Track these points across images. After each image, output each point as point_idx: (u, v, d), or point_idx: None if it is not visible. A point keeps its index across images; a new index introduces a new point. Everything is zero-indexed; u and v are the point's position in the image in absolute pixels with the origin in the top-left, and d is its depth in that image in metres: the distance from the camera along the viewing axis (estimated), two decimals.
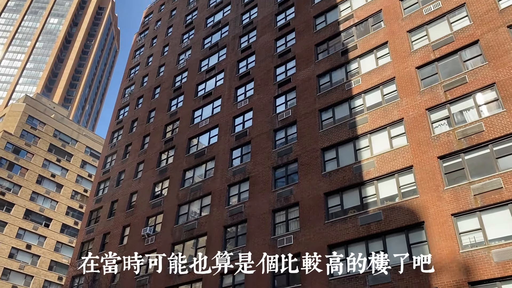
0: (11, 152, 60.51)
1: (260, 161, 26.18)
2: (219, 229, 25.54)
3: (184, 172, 30.73)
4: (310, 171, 23.36)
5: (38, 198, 60.88)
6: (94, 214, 36.15)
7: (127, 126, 39.81)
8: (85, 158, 69.47)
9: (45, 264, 58.10)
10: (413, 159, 19.87)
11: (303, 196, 22.79)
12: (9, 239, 55.77)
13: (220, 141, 29.65)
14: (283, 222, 23.16)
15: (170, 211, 29.31)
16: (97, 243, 33.12)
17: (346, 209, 21.04)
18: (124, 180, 35.24)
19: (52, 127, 67.41)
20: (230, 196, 26.70)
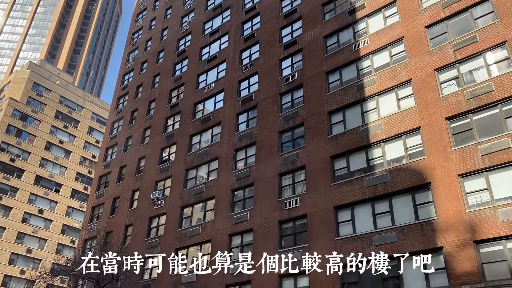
0: (19, 119, 60.90)
1: (266, 125, 26.13)
2: (226, 192, 25.87)
3: (190, 138, 30.83)
4: (316, 134, 23.33)
5: (47, 164, 61.77)
6: (103, 179, 36.69)
7: (132, 92, 39.68)
8: (91, 125, 69.83)
9: (57, 228, 59.68)
10: (421, 120, 19.73)
11: (309, 159, 22.87)
12: (22, 204, 57.10)
13: (226, 106, 29.53)
14: (290, 185, 23.39)
15: (178, 175, 29.64)
16: (107, 207, 33.80)
17: (353, 172, 21.14)
18: (132, 146, 35.50)
19: (58, 94, 67.41)
20: (237, 161, 26.87)
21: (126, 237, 30.58)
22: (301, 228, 21.66)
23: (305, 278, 20.20)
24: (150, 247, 28.14)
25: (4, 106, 60.29)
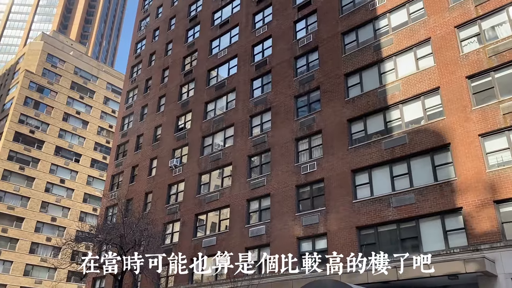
0: (35, 91, 61.59)
1: (281, 90, 25.85)
2: (243, 158, 26.01)
3: (205, 105, 30.78)
4: (333, 98, 23.01)
5: (66, 135, 62.84)
6: (121, 148, 37.20)
7: (145, 60, 39.50)
8: (107, 95, 70.26)
9: (79, 197, 61.34)
10: (440, 80, 19.23)
11: (326, 123, 22.68)
12: (44, 174, 58.61)
13: (240, 72, 29.22)
14: (306, 149, 23.34)
15: (195, 143, 29.84)
16: (126, 176, 34.42)
17: (370, 134, 20.93)
18: (148, 114, 35.68)
19: (72, 65, 67.64)
20: (253, 127, 26.82)
21: (146, 204, 31.26)
22: (318, 192, 21.78)
23: (323, 240, 20.49)
24: (170, 213, 28.75)
25: (20, 79, 60.92)
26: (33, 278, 53.67)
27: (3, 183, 54.85)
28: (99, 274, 31.23)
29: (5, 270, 52.06)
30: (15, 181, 56.04)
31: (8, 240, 53.53)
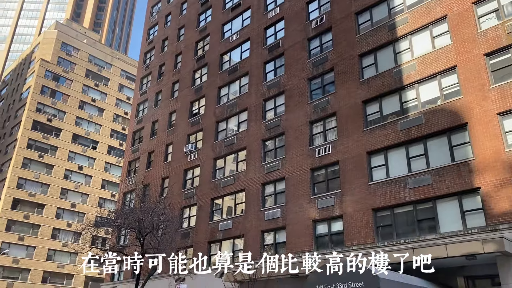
0: (51, 79, 62.34)
1: (294, 73, 25.63)
2: (257, 143, 26.02)
3: (219, 90, 30.75)
4: (347, 79, 22.73)
5: (82, 123, 63.70)
6: (137, 134, 37.57)
7: (158, 46, 39.52)
8: (121, 82, 70.73)
9: (97, 183, 62.40)
10: (457, 58, 18.79)
11: (340, 105, 22.47)
12: (62, 162, 59.69)
13: (253, 55, 29.02)
14: (321, 132, 23.20)
15: (209, 128, 29.93)
16: (143, 162, 34.83)
17: (386, 115, 20.67)
18: (162, 100, 35.86)
19: (86, 53, 68.10)
20: (266, 111, 26.73)
21: (163, 189, 31.65)
22: (334, 175, 21.71)
23: (339, 222, 20.51)
24: (186, 198, 29.08)
25: (36, 68, 61.67)
26: (55, 262, 55.19)
27: (24, 171, 56.10)
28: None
29: (29, 255, 53.61)
30: (35, 168, 57.25)
31: (30, 226, 54.99)
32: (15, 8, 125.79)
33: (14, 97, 66.24)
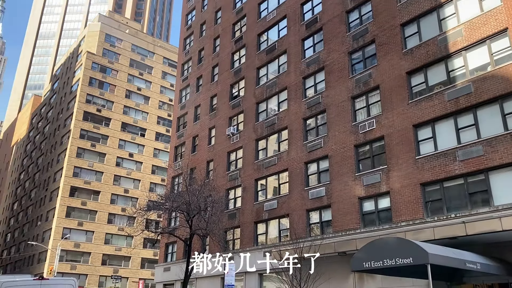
0: (98, 71, 64.70)
1: (334, 47, 24.97)
2: (298, 121, 25.77)
3: (257, 70, 30.60)
4: (389, 50, 21.85)
5: (130, 111, 65.92)
6: (181, 120, 38.35)
7: (196, 31, 39.78)
8: (164, 69, 72.19)
9: (147, 169, 64.69)
10: (508, 20, 17.48)
11: (383, 78, 21.69)
12: (113, 150, 62.28)
13: (290, 33, 28.53)
14: (364, 107, 22.58)
15: (250, 109, 29.97)
16: (188, 146, 35.59)
17: (432, 86, 19.74)
18: (203, 85, 36.25)
19: (129, 43, 69.90)
20: (306, 88, 26.33)
21: (208, 172, 32.26)
22: (379, 151, 21.15)
23: (386, 198, 20.04)
24: (231, 180, 29.49)
25: (83, 60, 64.14)
26: (113, 245, 58.18)
27: (78, 160, 59.08)
28: (170, 239, 33.15)
29: (88, 240, 56.84)
30: (88, 157, 60.12)
31: (88, 212, 58.13)
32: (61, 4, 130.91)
33: (65, 90, 69.46)
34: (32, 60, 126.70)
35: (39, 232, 60.40)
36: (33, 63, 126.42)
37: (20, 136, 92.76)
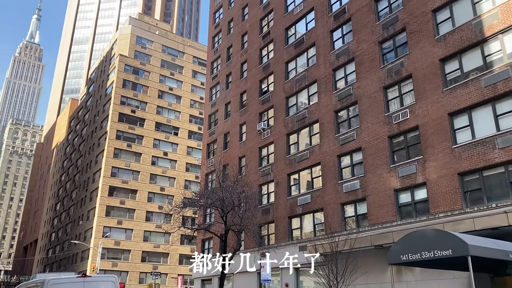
0: (131, 73, 66.25)
1: (363, 38, 24.53)
2: (330, 114, 25.51)
3: (286, 64, 30.47)
4: (421, 38, 21.26)
5: (163, 111, 67.22)
6: (212, 117, 38.75)
7: (224, 29, 40.01)
8: (194, 68, 73.10)
9: (182, 166, 65.83)
10: None
11: (416, 66, 21.13)
12: (148, 149, 63.74)
13: (318, 25, 28.23)
14: (396, 97, 22.09)
15: (280, 104, 29.92)
16: (220, 143, 35.94)
17: (467, 73, 19.07)
18: (232, 82, 36.47)
19: (159, 44, 71.14)
20: (337, 80, 26.01)
21: (241, 168, 32.48)
22: (414, 141, 20.65)
23: (423, 189, 19.56)
24: (263, 175, 29.57)
25: (116, 63, 65.82)
26: (151, 243, 59.65)
27: (116, 160, 60.81)
28: (206, 236, 33.64)
29: (128, 237, 58.50)
30: (125, 157, 61.79)
31: (126, 211, 59.80)
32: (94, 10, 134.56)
33: (100, 93, 71.55)
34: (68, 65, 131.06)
35: (81, 231, 62.70)
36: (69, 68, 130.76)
37: (60, 139, 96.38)
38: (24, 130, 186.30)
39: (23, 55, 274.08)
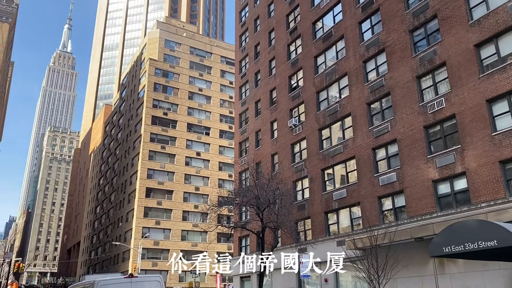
0: (161, 76, 67.56)
1: (393, 27, 24.08)
2: (362, 107, 25.21)
3: (315, 59, 30.29)
4: (454, 24, 20.68)
5: (194, 112, 68.24)
6: (243, 116, 39.01)
7: (251, 27, 40.12)
8: (222, 68, 73.70)
9: (215, 166, 66.62)
10: None
11: (449, 53, 20.59)
12: (181, 150, 64.87)
13: (346, 17, 27.90)
14: (431, 86, 21.59)
15: (310, 99, 29.79)
16: (252, 141, 36.15)
17: (504, 57, 18.42)
18: (261, 80, 36.57)
19: (187, 45, 72.13)
20: (368, 72, 25.66)
21: (274, 165, 32.58)
22: (451, 130, 20.16)
23: (462, 179, 19.08)
24: (297, 171, 29.56)
25: (147, 67, 67.23)
26: (189, 241, 60.75)
27: (151, 163, 62.21)
28: (243, 233, 33.98)
29: (166, 237, 59.79)
30: (160, 159, 63.13)
31: (163, 211, 61.12)
32: (122, 16, 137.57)
33: (133, 97, 73.26)
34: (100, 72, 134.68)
35: (121, 233, 64.55)
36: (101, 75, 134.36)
37: (96, 144, 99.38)
38: (61, 136, 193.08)
39: (57, 64, 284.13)
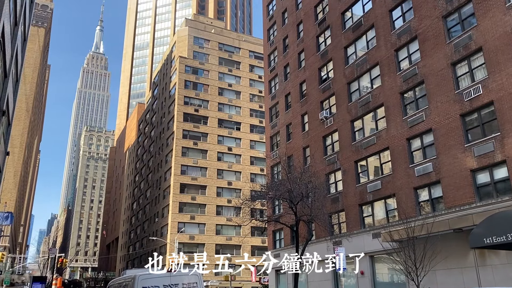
0: (191, 73, 68.36)
1: (425, 13, 23.42)
2: (395, 97, 24.70)
3: (345, 50, 29.86)
4: (490, 7, 19.91)
5: (224, 107, 68.75)
6: (273, 110, 38.98)
7: (279, 20, 39.93)
8: (251, 62, 73.78)
9: (246, 160, 66.99)
10: None
11: (486, 38, 19.85)
12: (213, 145, 65.58)
13: (376, 5, 27.34)
14: (467, 73, 20.91)
15: (341, 90, 29.43)
16: (283, 135, 36.11)
17: None
18: (291, 73, 36.40)
19: (216, 42, 72.60)
20: (400, 61, 25.09)
21: (306, 158, 32.45)
22: (489, 117, 19.48)
23: (503, 168, 18.43)
24: (329, 164, 29.33)
25: (177, 65, 68.19)
26: (224, 236, 61.49)
27: (184, 159, 63.24)
28: (277, 227, 34.10)
29: (201, 232, 60.78)
30: (192, 155, 64.09)
31: (198, 206, 62.11)
32: (151, 15, 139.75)
33: (165, 95, 74.54)
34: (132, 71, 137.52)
35: (158, 228, 66.07)
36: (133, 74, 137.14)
37: (131, 142, 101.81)
38: (97, 136, 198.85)
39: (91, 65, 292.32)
